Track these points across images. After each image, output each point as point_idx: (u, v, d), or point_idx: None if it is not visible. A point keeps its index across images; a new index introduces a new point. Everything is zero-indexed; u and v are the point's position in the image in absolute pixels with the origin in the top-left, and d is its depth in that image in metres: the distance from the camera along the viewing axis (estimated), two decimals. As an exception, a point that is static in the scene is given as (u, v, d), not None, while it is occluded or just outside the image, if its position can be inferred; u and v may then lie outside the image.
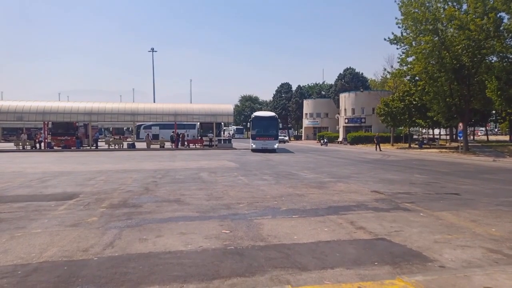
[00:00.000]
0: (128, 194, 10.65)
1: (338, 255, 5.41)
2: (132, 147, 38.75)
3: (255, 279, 4.53)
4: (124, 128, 74.31)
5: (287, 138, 63.07)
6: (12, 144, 39.58)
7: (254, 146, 32.70)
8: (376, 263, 5.06)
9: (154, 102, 54.96)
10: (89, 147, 39.01)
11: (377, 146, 36.56)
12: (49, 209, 8.62)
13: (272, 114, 36.41)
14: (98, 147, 39.00)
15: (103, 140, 46.09)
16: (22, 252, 5.56)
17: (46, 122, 38.44)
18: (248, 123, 34.27)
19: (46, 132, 38.55)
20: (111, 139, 44.34)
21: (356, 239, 6.19)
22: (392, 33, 30.54)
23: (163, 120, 41.49)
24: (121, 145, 39.95)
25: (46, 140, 37.66)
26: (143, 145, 40.65)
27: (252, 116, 34.76)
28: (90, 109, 37.46)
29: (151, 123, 51.30)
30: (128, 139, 50.55)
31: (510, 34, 23.04)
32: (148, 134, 44.92)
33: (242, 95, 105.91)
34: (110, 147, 39.15)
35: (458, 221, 7.43)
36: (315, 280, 4.47)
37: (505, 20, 23.70)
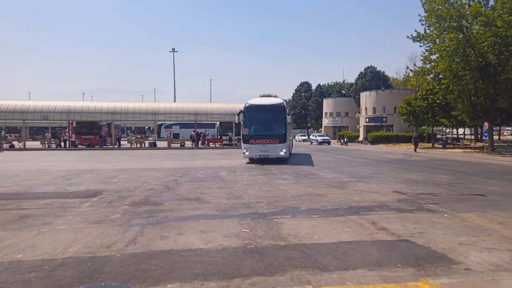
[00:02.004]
0: (149, 192, 10.81)
1: (360, 256, 5.32)
2: (153, 146, 39.35)
3: (276, 278, 4.50)
4: (146, 127, 75.53)
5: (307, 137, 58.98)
6: (38, 142, 40.80)
7: (247, 153, 19.64)
8: (399, 265, 4.96)
9: (174, 101, 55.53)
10: (112, 146, 39.84)
11: (415, 148, 33.15)
12: (73, 206, 8.83)
13: (276, 100, 22.54)
14: (121, 146, 39.82)
15: (126, 139, 46.98)
16: (48, 247, 5.71)
17: (70, 121, 39.46)
18: (237, 117, 20.68)
19: (70, 131, 39.59)
20: (133, 138, 45.22)
21: (378, 240, 6.08)
22: (415, 31, 29.88)
23: (183, 120, 41.99)
24: (143, 144, 40.63)
25: (70, 139, 38.67)
26: (164, 144, 41.26)
27: (244, 106, 20.28)
28: (113, 109, 38.23)
29: (171, 122, 52.02)
30: (149, 138, 51.35)
31: (540, 30, 22.22)
32: (169, 133, 45.53)
33: (261, 94, 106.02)
34: (132, 146, 39.87)
35: (484, 223, 7.20)
36: (336, 281, 4.41)
37: (535, 16, 22.86)
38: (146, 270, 4.76)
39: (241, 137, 22.28)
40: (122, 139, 44.88)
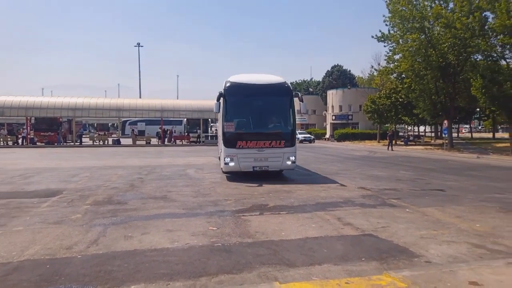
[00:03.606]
0: (113, 191, 10.48)
1: (326, 251, 5.40)
2: (117, 143, 38.31)
3: (243, 276, 4.48)
4: (109, 124, 73.43)
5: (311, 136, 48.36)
6: (-7, 139, 38.65)
7: (232, 164, 12.25)
8: (363, 259, 5.07)
9: (140, 97, 54.25)
10: (73, 143, 38.39)
11: (390, 146, 31.47)
12: (31, 206, 8.41)
13: (276, 78, 13.55)
14: (82, 143, 38.45)
15: (88, 136, 45.42)
16: (2, 250, 5.39)
17: (29, 118, 37.66)
18: (215, 104, 12.48)
19: (28, 127, 37.79)
20: (96, 135, 43.81)
21: (344, 235, 6.20)
22: (380, 31, 30.77)
23: (149, 116, 41.11)
24: (106, 141, 39.46)
25: (28, 136, 36.91)
26: (128, 141, 40.24)
27: (225, 86, 12.67)
28: (74, 105, 36.85)
29: (137, 119, 50.77)
30: (113, 135, 49.94)
31: (494, 33, 23.42)
32: (133, 130, 44.51)
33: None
34: (95, 143, 38.59)
35: (444, 217, 7.51)
36: (303, 276, 4.44)
37: (490, 20, 24.13)
38: (109, 271, 4.60)
39: (219, 137, 15.68)
40: (83, 136, 43.35)
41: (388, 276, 4.43)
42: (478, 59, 27.06)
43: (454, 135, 41.74)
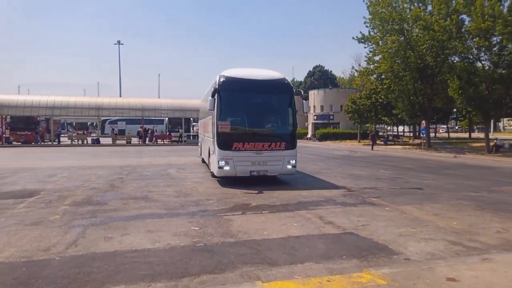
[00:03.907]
0: (92, 191, 10.29)
1: (308, 249, 5.45)
2: (96, 142, 37.62)
3: (225, 275, 4.47)
4: (88, 123, 72.00)
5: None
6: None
7: (226, 168, 11.04)
8: (344, 257, 5.14)
9: (120, 96, 53.35)
10: (51, 143, 37.48)
11: (373, 145, 31.86)
12: (6, 208, 8.17)
13: (275, 74, 12.24)
14: (61, 143, 37.58)
15: (66, 135, 44.37)
16: (-24, 253, 5.22)
17: (4, 116, 36.55)
18: (210, 100, 10.99)
19: (4, 126, 36.67)
20: (74, 134, 42.81)
21: (325, 234, 6.26)
22: (360, 32, 31.19)
23: (130, 115, 40.48)
24: (85, 140, 38.70)
25: (4, 135, 35.83)
26: (108, 140, 39.56)
27: (219, 81, 11.32)
28: (53, 103, 35.98)
29: (117, 118, 49.95)
30: (92, 135, 49.00)
31: (470, 36, 24.05)
32: (113, 129, 43.76)
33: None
34: (73, 143, 37.81)
35: (422, 215, 7.69)
36: (285, 275, 4.47)
37: (466, 22, 24.74)
38: (89, 273, 4.52)
39: (200, 136, 18.08)
40: (62, 135, 42.39)
41: (368, 273, 4.50)
42: (455, 61, 27.73)
43: (432, 135, 42.67)
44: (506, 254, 5.28)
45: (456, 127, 76.64)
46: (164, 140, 40.98)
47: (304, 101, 11.96)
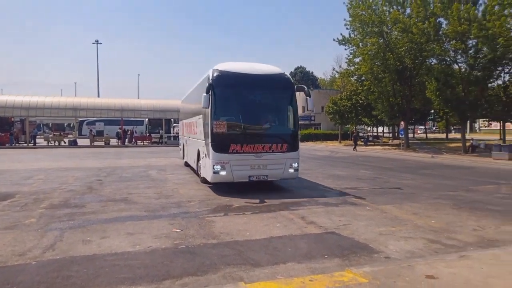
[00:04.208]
0: (69, 194, 10.05)
1: (290, 250, 5.46)
2: (73, 144, 36.79)
3: (208, 277, 4.43)
4: (65, 124, 70.37)
5: None
6: None
7: (223, 172, 9.88)
8: (326, 256, 5.18)
9: (98, 96, 52.38)
10: (26, 144, 36.45)
11: (355, 146, 31.61)
12: (-21, 211, 7.88)
13: (275, 69, 11.24)
14: (37, 144, 36.58)
15: (42, 136, 43.22)
16: None
17: (-24, 117, 35.36)
18: (204, 97, 9.60)
19: (-24, 127, 35.46)
20: (51, 135, 41.78)
21: (307, 234, 6.30)
22: (341, 34, 31.59)
23: (108, 116, 39.77)
24: (62, 142, 37.80)
25: (-24, 137, 34.63)
26: (86, 142, 38.74)
27: (213, 75, 10.15)
28: (28, 104, 35.02)
29: (95, 118, 48.94)
30: (69, 136, 47.87)
31: (447, 38, 24.66)
32: (91, 130, 42.90)
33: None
34: (50, 144, 36.86)
35: (401, 214, 7.82)
36: (268, 276, 4.46)
37: (444, 25, 25.37)
38: (67, 277, 4.40)
39: (181, 138, 18.14)
40: (38, 136, 41.26)
41: (350, 272, 4.55)
42: (432, 63, 28.37)
43: (410, 135, 43.58)
44: (482, 251, 5.42)
45: (434, 128, 78.48)
46: (144, 142, 40.43)
47: (308, 98, 10.92)
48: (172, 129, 46.78)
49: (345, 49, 32.01)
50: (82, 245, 5.61)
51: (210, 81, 9.90)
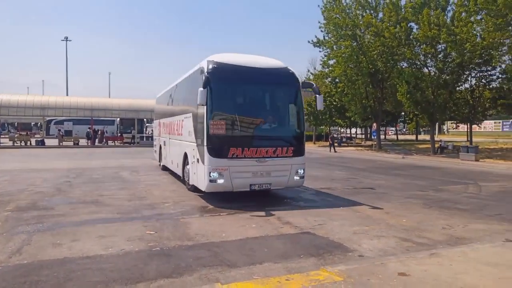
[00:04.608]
0: (37, 196, 9.68)
1: (266, 250, 5.46)
2: (41, 144, 35.50)
3: (183, 279, 4.37)
4: (32, 123, 67.87)
5: None
6: None
7: (221, 181, 8.57)
8: (302, 256, 5.21)
9: (67, 95, 50.82)
10: (-10, 144, 34.88)
11: (332, 147, 30.97)
12: None
13: (277, 63, 9.92)
14: (1, 144, 35.06)
15: (7, 136, 41.46)
16: None
17: None
18: (200, 92, 8.20)
19: None
20: (17, 135, 40.11)
21: (283, 234, 6.32)
22: (316, 36, 32.00)
23: (78, 115, 38.62)
24: (28, 142, 36.40)
25: None
26: (54, 142, 37.47)
27: (209, 67, 8.87)
28: (-8, 102, 33.49)
29: (63, 118, 47.48)
30: (36, 136, 46.18)
31: (418, 43, 25.44)
32: (59, 130, 41.58)
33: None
34: (15, 144, 35.41)
35: (374, 214, 7.99)
36: (244, 276, 4.45)
37: (414, 30, 26.16)
38: (36, 282, 4.23)
39: (156, 139, 17.30)
40: (2, 136, 39.58)
41: (325, 271, 4.60)
42: (403, 67, 29.15)
43: (382, 137, 44.69)
44: (451, 248, 5.61)
45: (404, 130, 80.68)
46: (115, 142, 39.50)
47: (318, 95, 9.83)
48: (145, 129, 45.98)
49: (320, 51, 32.50)
50: (52, 249, 5.41)
51: (207, 74, 8.55)
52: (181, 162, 11.25)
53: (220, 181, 8.49)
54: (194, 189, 9.83)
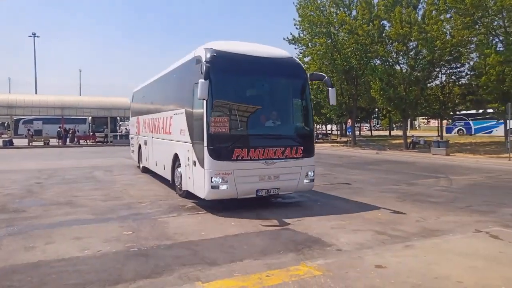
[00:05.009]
0: (7, 198, 9.33)
1: (246, 247, 5.48)
2: (9, 144, 34.11)
3: (163, 279, 4.32)
4: (-1, 123, 65.22)
5: None
6: None
7: (224, 187, 7.47)
8: (281, 252, 5.26)
9: (36, 93, 49.09)
10: (-46, 145, 33.29)
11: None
12: None
13: (282, 52, 8.84)
14: (-34, 145, 33.56)
15: (-27, 136, 39.73)
16: None
17: None
18: (201, 84, 6.93)
19: None
20: (-17, 135, 38.50)
21: (263, 231, 6.36)
22: (291, 34, 32.18)
23: (47, 114, 37.33)
24: (-4, 142, 34.97)
25: None
26: (23, 142, 36.15)
27: (208, 56, 7.57)
28: (-44, 101, 31.96)
29: (32, 117, 45.79)
30: (3, 136, 44.42)
31: (390, 40, 26.00)
32: (29, 130, 40.14)
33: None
34: (-18, 145, 33.94)
35: (350, 208, 8.15)
36: (225, 274, 4.44)
37: (387, 28, 26.73)
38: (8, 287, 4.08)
39: (133, 138, 16.36)
40: (-33, 136, 37.88)
41: (305, 265, 4.67)
42: (377, 64, 29.73)
43: (357, 133, 45.40)
44: (425, 240, 5.80)
45: (378, 126, 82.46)
46: (88, 141, 38.51)
47: (330, 88, 8.69)
48: (118, 127, 45.01)
49: (295, 48, 32.67)
50: (25, 252, 5.24)
51: (207, 63, 7.30)
52: (169, 164, 9.96)
53: (223, 187, 7.43)
54: (188, 195, 8.79)
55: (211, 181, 7.36)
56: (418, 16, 24.76)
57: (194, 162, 7.96)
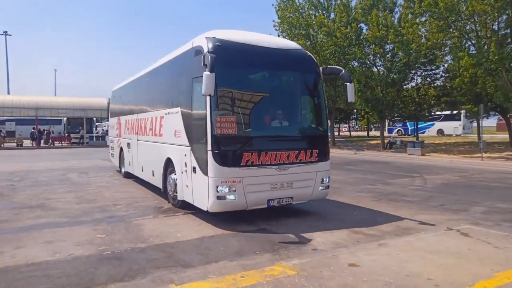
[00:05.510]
0: (-24, 201, 9.00)
1: (222, 248, 5.45)
2: (-19, 146, 32.99)
3: (136, 282, 4.25)
4: (-31, 124, 62.87)
5: None
6: None
7: (231, 196, 6.45)
8: (257, 252, 5.26)
9: (8, 93, 47.54)
10: None
11: None
12: None
13: (291, 44, 8.23)
14: None
15: None
16: None
17: None
18: (209, 73, 5.80)
19: None
20: (-48, 137, 37.00)
21: (239, 232, 6.33)
22: (270, 34, 32.28)
23: (21, 115, 36.19)
24: (-33, 144, 33.71)
25: None
26: (-5, 144, 34.99)
27: (210, 46, 6.51)
28: None
29: (4, 118, 44.32)
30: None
31: (368, 43, 26.47)
32: (0, 131, 38.81)
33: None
34: (-48, 147, 32.67)
35: (327, 208, 8.25)
36: (200, 276, 4.41)
37: (364, 30, 27.20)
38: (-29, 295, 3.93)
39: (112, 139, 15.16)
40: None
41: (280, 265, 4.68)
42: (354, 66, 30.21)
43: (336, 133, 45.99)
44: (398, 239, 5.91)
45: (356, 126, 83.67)
46: (63, 142, 37.58)
47: (348, 83, 7.56)
48: (94, 128, 44.08)
49: (275, 49, 32.74)
50: (-9, 258, 5.06)
51: (212, 54, 6.08)
52: (160, 170, 8.84)
53: (231, 197, 6.45)
54: (183, 205, 7.83)
55: (217, 191, 6.37)
56: (395, 20, 25.28)
57: (194, 168, 6.96)
